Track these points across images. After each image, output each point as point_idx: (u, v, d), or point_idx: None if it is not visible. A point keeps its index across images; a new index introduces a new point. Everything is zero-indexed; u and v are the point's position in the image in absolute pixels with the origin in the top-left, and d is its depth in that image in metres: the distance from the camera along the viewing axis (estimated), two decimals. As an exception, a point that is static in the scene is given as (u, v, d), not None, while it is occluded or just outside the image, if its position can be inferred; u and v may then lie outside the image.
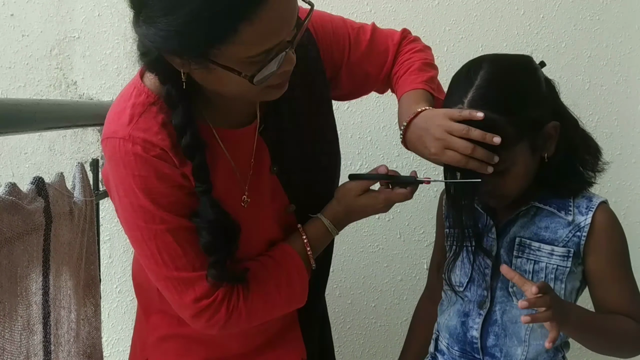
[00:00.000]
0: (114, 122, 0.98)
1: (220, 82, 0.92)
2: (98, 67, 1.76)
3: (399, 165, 1.77)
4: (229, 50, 0.85)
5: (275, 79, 0.93)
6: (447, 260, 1.22)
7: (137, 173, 0.96)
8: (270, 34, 0.86)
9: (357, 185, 1.12)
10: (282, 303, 1.09)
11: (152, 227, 0.98)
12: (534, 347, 1.12)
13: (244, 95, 0.96)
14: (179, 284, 1.01)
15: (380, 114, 1.75)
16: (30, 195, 1.03)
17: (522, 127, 1.02)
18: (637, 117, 1.77)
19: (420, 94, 1.13)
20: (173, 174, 0.97)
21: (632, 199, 1.80)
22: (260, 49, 0.87)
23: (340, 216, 1.14)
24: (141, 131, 0.96)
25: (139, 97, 0.98)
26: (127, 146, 0.95)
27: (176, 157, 0.97)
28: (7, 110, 1.05)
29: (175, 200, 0.98)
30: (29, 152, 1.81)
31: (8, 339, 0.95)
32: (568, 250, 1.09)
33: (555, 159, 1.08)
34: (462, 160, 0.99)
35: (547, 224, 1.11)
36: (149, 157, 0.96)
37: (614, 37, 1.74)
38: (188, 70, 0.92)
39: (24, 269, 1.00)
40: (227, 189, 1.04)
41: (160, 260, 1.00)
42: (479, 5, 1.73)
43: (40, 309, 1.06)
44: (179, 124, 0.96)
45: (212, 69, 0.88)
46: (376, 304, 1.88)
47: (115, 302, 1.85)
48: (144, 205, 0.97)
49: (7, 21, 1.75)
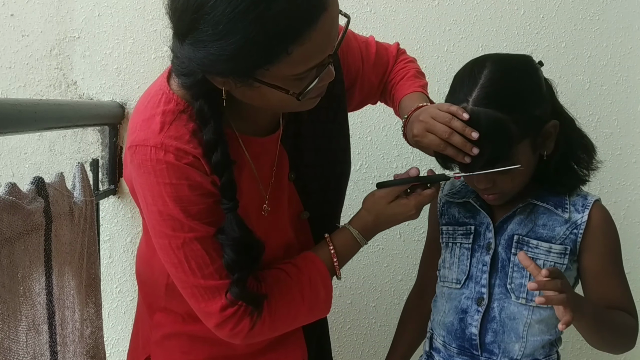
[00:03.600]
0: (144, 129, 0.97)
1: (263, 98, 0.93)
2: (98, 67, 1.76)
3: (399, 165, 1.77)
4: (277, 70, 0.86)
5: (314, 92, 0.93)
6: (442, 257, 1.23)
7: (169, 181, 0.95)
8: (319, 52, 0.87)
9: (387, 192, 1.12)
10: (305, 312, 1.09)
11: (181, 235, 0.98)
12: (532, 343, 1.14)
13: (282, 109, 0.98)
14: (205, 292, 1.01)
15: (380, 113, 1.75)
16: (30, 195, 1.03)
17: (525, 126, 1.04)
18: (637, 117, 1.77)
19: (419, 96, 1.18)
20: (204, 182, 0.97)
21: (632, 199, 1.80)
22: (307, 66, 0.88)
23: (370, 226, 1.13)
24: (173, 139, 0.95)
25: (169, 104, 0.97)
26: (159, 154, 0.95)
27: (207, 165, 0.97)
28: (7, 110, 1.05)
29: (205, 209, 0.98)
30: (29, 152, 1.81)
31: (14, 339, 0.95)
32: (565, 248, 1.11)
33: (552, 157, 1.11)
34: (440, 144, 1.03)
35: (544, 222, 1.13)
36: (181, 165, 0.95)
37: (614, 37, 1.74)
38: (229, 88, 0.92)
39: (26, 269, 1.00)
40: (249, 198, 1.04)
41: (188, 268, 0.99)
42: (479, 5, 1.73)
43: (45, 309, 1.06)
44: (210, 140, 0.95)
45: (257, 87, 0.89)
46: (376, 304, 1.88)
47: (115, 302, 1.85)
48: (173, 214, 0.97)
49: (7, 21, 1.75)
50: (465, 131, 1.01)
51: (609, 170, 1.76)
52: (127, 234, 1.81)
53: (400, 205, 1.12)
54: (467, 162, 1.03)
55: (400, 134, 1.19)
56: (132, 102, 1.75)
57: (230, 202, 0.97)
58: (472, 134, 1.01)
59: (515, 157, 1.04)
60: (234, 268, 0.98)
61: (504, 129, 1.01)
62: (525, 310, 1.13)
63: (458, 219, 1.22)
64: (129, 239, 1.81)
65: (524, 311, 1.13)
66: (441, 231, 1.24)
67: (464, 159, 1.03)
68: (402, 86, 1.22)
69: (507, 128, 1.02)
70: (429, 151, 1.09)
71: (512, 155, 1.04)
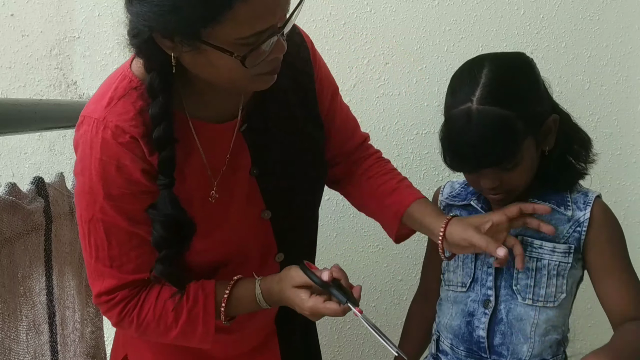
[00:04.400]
0: (94, 102, 1.00)
1: (211, 65, 0.92)
2: (98, 67, 1.76)
3: (399, 166, 1.76)
4: (222, 30, 0.86)
5: (265, 66, 0.93)
6: (446, 261, 1.22)
7: (99, 156, 0.97)
8: (264, 14, 0.87)
9: (297, 276, 1.03)
10: (177, 334, 1.06)
11: (91, 212, 0.99)
12: (539, 343, 1.13)
13: (234, 82, 0.96)
14: (94, 271, 1.03)
15: (380, 113, 1.75)
16: (30, 195, 1.04)
17: (529, 121, 1.04)
18: (637, 117, 1.77)
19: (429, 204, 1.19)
20: (134, 168, 0.98)
21: (632, 199, 1.80)
22: (252, 30, 0.87)
23: (274, 293, 1.06)
24: (116, 115, 0.96)
25: (123, 81, 0.99)
26: (99, 128, 0.96)
27: (146, 147, 0.97)
28: (7, 110, 1.06)
29: (127, 194, 0.99)
30: (29, 152, 1.81)
31: (14, 339, 0.95)
32: (569, 247, 1.11)
33: (552, 152, 1.11)
34: None
35: (547, 221, 1.12)
36: (115, 143, 0.96)
37: (614, 37, 1.74)
38: (178, 54, 0.92)
39: (26, 269, 1.00)
40: (194, 182, 1.04)
41: (87, 243, 1.02)
42: (479, 5, 1.73)
43: (45, 309, 1.06)
44: (155, 115, 0.96)
45: (203, 49, 0.89)
46: (376, 304, 1.88)
47: (115, 302, 1.85)
48: (93, 188, 0.98)
49: (7, 21, 1.75)
50: None
51: (609, 170, 1.76)
52: (127, 234, 1.81)
53: (297, 297, 1.03)
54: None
55: (400, 134, 1.19)
56: (132, 102, 1.75)
57: (166, 178, 0.97)
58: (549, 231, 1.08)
59: (520, 154, 1.04)
60: (161, 245, 0.99)
61: (511, 126, 1.02)
62: (532, 311, 1.13)
63: None
64: (129, 239, 1.81)
65: (530, 312, 1.13)
66: None
67: None
68: (406, 191, 1.19)
69: (514, 124, 1.02)
70: None
71: (519, 152, 1.04)
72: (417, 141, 1.76)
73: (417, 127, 1.76)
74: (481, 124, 1.01)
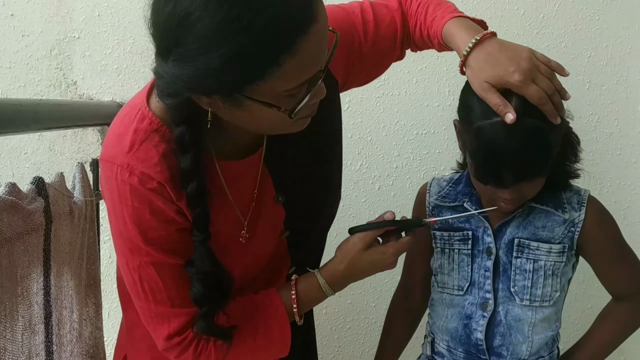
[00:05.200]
0: (114, 145, 0.94)
1: (252, 118, 0.88)
2: (98, 67, 1.76)
3: (399, 166, 1.77)
4: (267, 86, 0.81)
5: (306, 110, 0.90)
6: (437, 262, 1.22)
7: (130, 203, 0.93)
8: (310, 65, 0.84)
9: (361, 238, 1.06)
10: (258, 350, 1.05)
11: (137, 258, 0.96)
12: (537, 342, 1.15)
13: (274, 129, 0.93)
14: (155, 316, 1.00)
15: (380, 113, 1.75)
16: (30, 195, 1.03)
17: (560, 133, 1.04)
18: (637, 117, 1.77)
19: (463, 21, 1.08)
20: (167, 209, 0.94)
21: (632, 199, 1.80)
22: (298, 81, 0.84)
23: (340, 275, 1.07)
24: (140, 161, 0.92)
25: (142, 122, 0.93)
26: (124, 175, 0.92)
27: (173, 192, 0.93)
28: (7, 110, 1.05)
29: (165, 235, 0.95)
30: (29, 152, 1.81)
31: (10, 339, 0.95)
32: (563, 246, 1.13)
33: None
34: (543, 97, 0.97)
35: (544, 223, 1.13)
36: (145, 189, 0.92)
37: (614, 37, 1.74)
38: (215, 109, 0.88)
39: (25, 269, 1.00)
40: (223, 226, 1.00)
41: (141, 290, 0.98)
42: (479, 5, 1.73)
43: (42, 309, 1.06)
44: (187, 170, 0.91)
45: (246, 105, 0.85)
46: (376, 304, 1.88)
47: (115, 302, 1.84)
48: (132, 236, 0.95)
49: (7, 21, 1.75)
50: (562, 91, 0.99)
51: (609, 170, 1.76)
52: (127, 234, 1.81)
53: (377, 252, 1.06)
54: (559, 122, 0.99)
55: (400, 134, 1.18)
56: (132, 102, 1.75)
57: (202, 234, 0.94)
58: (566, 95, 1.00)
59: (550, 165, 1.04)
60: (202, 301, 0.96)
61: (549, 138, 1.00)
62: (530, 311, 1.14)
63: (452, 224, 1.19)
64: (129, 239, 1.81)
65: (528, 312, 1.14)
66: (434, 236, 1.22)
67: (556, 119, 0.98)
68: (435, 19, 1.09)
69: (551, 136, 1.00)
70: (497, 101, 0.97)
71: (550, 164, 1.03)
72: (417, 141, 1.76)
73: (417, 127, 1.76)
74: (521, 136, 0.97)
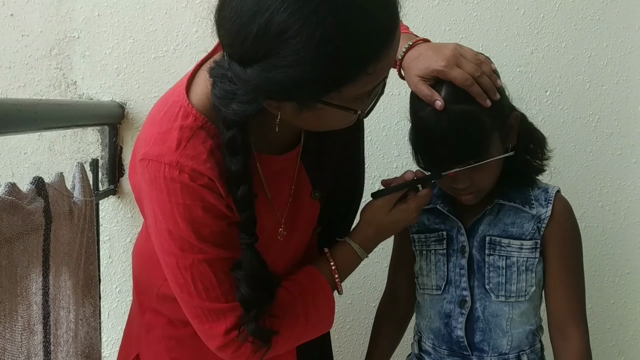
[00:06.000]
0: (158, 144, 0.92)
1: (317, 119, 0.88)
2: (98, 67, 1.76)
3: (399, 165, 1.77)
4: (349, 91, 0.82)
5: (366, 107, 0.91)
6: (417, 264, 1.25)
7: (182, 201, 0.92)
8: (388, 66, 0.85)
9: (386, 201, 1.11)
10: (309, 329, 1.07)
11: (190, 256, 0.95)
12: (516, 336, 1.17)
13: (332, 127, 0.93)
14: (210, 314, 0.98)
15: (380, 114, 1.75)
16: (30, 195, 1.03)
17: (494, 116, 1.07)
18: (637, 117, 1.76)
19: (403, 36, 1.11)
20: (218, 204, 0.94)
21: (632, 199, 1.80)
22: (375, 83, 0.85)
23: (370, 238, 1.12)
24: (189, 158, 0.90)
25: (187, 119, 0.92)
26: (173, 173, 0.90)
27: (223, 188, 0.93)
28: (7, 110, 1.05)
29: (217, 231, 0.95)
30: (29, 152, 1.81)
31: (9, 339, 0.95)
32: (535, 242, 1.15)
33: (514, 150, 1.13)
34: (468, 79, 1.01)
35: (513, 220, 1.16)
36: (196, 186, 0.91)
37: (614, 37, 1.73)
38: (282, 112, 0.88)
39: (24, 269, 1.00)
40: (262, 225, 0.98)
41: (194, 289, 0.97)
42: (479, 5, 1.73)
43: (41, 309, 1.06)
44: (237, 174, 0.91)
45: (319, 109, 0.84)
46: (376, 304, 1.86)
47: (115, 302, 1.85)
48: (184, 234, 0.93)
49: (7, 21, 1.75)
50: (492, 77, 1.02)
51: (609, 170, 1.76)
52: (127, 234, 1.81)
53: (401, 211, 1.11)
54: (488, 105, 1.03)
55: (400, 134, 1.19)
56: (132, 102, 1.75)
57: (250, 237, 0.94)
58: (497, 81, 1.03)
59: (488, 150, 1.07)
60: (251, 304, 0.96)
61: (478, 120, 1.04)
62: (506, 307, 1.16)
63: (428, 226, 1.23)
64: (128, 239, 1.81)
65: (504, 307, 1.16)
66: (412, 239, 1.26)
67: (485, 101, 1.03)
68: None
69: (481, 119, 1.04)
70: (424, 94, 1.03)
71: (487, 148, 1.06)
72: (417, 141, 1.76)
73: (417, 127, 1.75)
74: (450, 120, 1.03)
